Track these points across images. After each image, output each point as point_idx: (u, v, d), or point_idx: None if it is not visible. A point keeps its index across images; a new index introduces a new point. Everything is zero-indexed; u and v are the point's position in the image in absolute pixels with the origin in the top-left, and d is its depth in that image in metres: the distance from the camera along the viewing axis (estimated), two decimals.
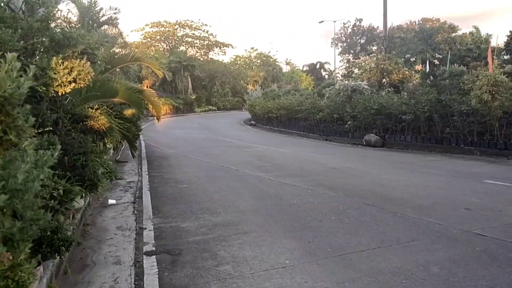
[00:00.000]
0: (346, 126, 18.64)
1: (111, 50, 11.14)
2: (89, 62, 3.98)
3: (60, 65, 3.59)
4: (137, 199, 7.41)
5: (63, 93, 3.80)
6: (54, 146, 4.20)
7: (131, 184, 8.90)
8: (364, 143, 17.12)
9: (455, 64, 21.82)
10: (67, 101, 5.38)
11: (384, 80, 21.03)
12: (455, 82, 15.68)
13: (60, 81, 3.58)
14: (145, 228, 5.62)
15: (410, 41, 23.25)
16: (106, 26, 25.10)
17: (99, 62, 6.36)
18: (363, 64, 22.71)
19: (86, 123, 5.21)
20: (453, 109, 14.03)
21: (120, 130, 6.99)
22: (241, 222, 5.89)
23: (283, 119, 25.34)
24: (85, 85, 4.03)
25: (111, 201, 7.12)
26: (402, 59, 22.92)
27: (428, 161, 12.27)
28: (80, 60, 3.83)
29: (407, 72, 21.65)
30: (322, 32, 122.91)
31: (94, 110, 5.47)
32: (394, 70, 21.22)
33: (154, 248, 4.83)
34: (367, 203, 6.87)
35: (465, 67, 20.76)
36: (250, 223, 5.81)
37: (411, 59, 23.06)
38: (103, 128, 5.26)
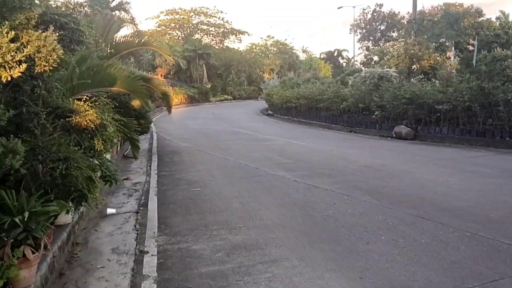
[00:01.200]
0: (373, 116, 17.21)
1: (116, 35, 9.95)
2: (54, 36, 2.80)
3: (3, 37, 2.42)
4: (141, 208, 6.26)
5: (8, 78, 2.61)
6: (14, 154, 3.04)
7: (137, 186, 7.76)
8: (394, 135, 15.70)
9: (482, 50, 20.07)
10: (52, 91, 4.22)
11: (414, 66, 19.43)
12: (498, 68, 14.08)
13: (1, 60, 2.42)
14: (147, 252, 4.44)
15: (441, 25, 21.45)
16: (117, 12, 24.04)
17: (88, 41, 5.20)
18: (390, 49, 21.11)
19: (71, 119, 4.07)
20: (498, 98, 12.50)
21: (119, 126, 5.82)
22: (267, 243, 4.67)
23: (303, 109, 23.96)
24: (50, 67, 2.86)
25: (110, 210, 5.98)
26: (434, 44, 21.18)
27: (472, 157, 10.84)
28: (42, 32, 2.65)
29: (438, 58, 19.98)
30: (339, 20, 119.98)
31: (82, 103, 4.30)
32: (424, 55, 19.59)
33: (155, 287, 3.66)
34: (420, 215, 5.57)
35: None
36: (279, 245, 4.59)
37: (446, 43, 21.30)
38: (92, 125, 4.09)
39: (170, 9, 59.24)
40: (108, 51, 8.72)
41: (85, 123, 4.10)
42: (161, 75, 43.22)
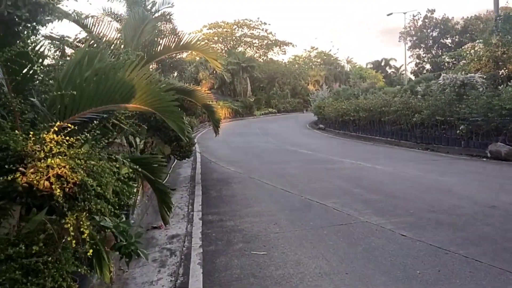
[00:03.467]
0: (458, 131, 14.18)
1: (148, 37, 7.82)
2: None
3: None
4: None
5: None
6: None
7: (174, 243, 5.47)
8: (489, 154, 12.63)
9: None
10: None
11: (502, 71, 16.23)
12: None
13: None
14: None
15: None
16: (160, 23, 22.37)
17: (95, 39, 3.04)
18: (469, 52, 18.00)
19: (16, 176, 1.85)
20: None
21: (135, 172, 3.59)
22: None
23: (363, 122, 21.13)
24: None
25: None
26: None
27: None
28: None
29: None
30: (382, 28, 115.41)
31: (50, 137, 2.06)
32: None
33: None
34: None
35: None
36: None
37: None
38: (58, 188, 1.84)
39: (213, 22, 58.29)
40: (136, 54, 6.56)
41: (44, 184, 1.79)
42: (205, 90, 41.80)
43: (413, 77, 62.20)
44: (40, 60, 3.36)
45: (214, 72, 43.08)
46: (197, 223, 6.28)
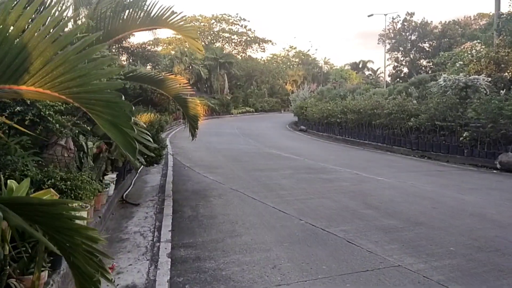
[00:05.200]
0: (461, 138, 12.82)
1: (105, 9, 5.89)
2: None
3: None
4: None
5: None
6: None
7: None
8: (499, 166, 11.31)
9: None
10: None
11: (506, 74, 15.01)
12: None
13: None
14: None
15: None
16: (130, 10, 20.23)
17: None
18: (470, 52, 16.76)
19: None
20: None
21: None
22: None
23: (350, 125, 19.66)
24: None
25: None
26: None
27: None
28: None
29: None
30: (358, 31, 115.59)
31: None
32: None
33: None
34: None
35: None
36: None
37: None
38: None
39: (190, 16, 56.03)
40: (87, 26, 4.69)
41: None
42: (180, 78, 39.52)
43: (389, 80, 61.80)
44: None
45: (190, 66, 40.98)
46: (165, 263, 4.46)
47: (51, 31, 1.71)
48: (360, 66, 78.41)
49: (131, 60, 22.90)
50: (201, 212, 6.60)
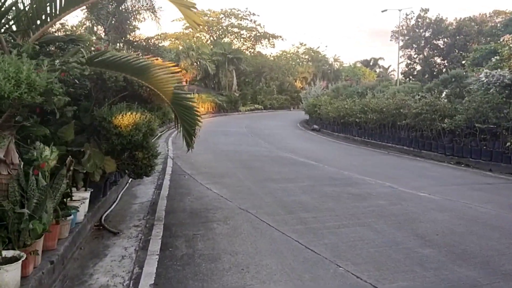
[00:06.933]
0: (508, 144, 10.93)
1: None
2: None
3: None
4: None
5: None
6: None
7: None
8: None
9: None
10: None
11: None
12: None
13: None
14: None
15: None
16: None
17: None
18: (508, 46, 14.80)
19: None
20: None
21: None
22: None
23: (371, 126, 17.79)
24: None
25: None
26: None
27: None
28: None
29: None
30: (369, 28, 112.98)
31: None
32: None
33: None
34: None
35: None
36: None
37: None
38: None
39: (198, 10, 54.20)
40: None
41: None
42: (186, 81, 37.91)
43: (402, 78, 59.64)
44: None
45: (198, 62, 39.26)
46: None
47: None
48: (371, 63, 76.44)
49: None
50: (199, 249, 4.85)
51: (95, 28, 23.13)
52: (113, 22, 21.90)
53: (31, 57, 3.80)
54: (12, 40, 4.11)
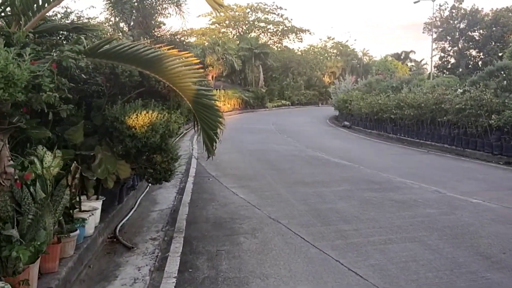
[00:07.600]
0: None
1: None
2: None
3: None
4: None
5: None
6: None
7: None
8: None
9: None
10: None
11: None
12: None
13: None
14: None
15: None
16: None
17: None
18: None
19: None
20: None
21: None
22: None
23: (407, 122, 16.68)
24: None
25: None
26: None
27: None
28: None
29: None
30: (398, 22, 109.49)
31: None
32: None
33: None
34: None
35: None
36: None
37: None
38: None
39: (225, 5, 53.70)
40: None
41: None
42: (212, 77, 37.39)
43: (435, 71, 57.24)
44: None
45: (224, 57, 38.67)
46: None
47: None
48: (402, 57, 73.97)
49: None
50: (223, 270, 4.16)
51: (121, 25, 22.88)
52: (138, 17, 21.56)
53: (24, 47, 3.18)
54: (5, 28, 3.52)
